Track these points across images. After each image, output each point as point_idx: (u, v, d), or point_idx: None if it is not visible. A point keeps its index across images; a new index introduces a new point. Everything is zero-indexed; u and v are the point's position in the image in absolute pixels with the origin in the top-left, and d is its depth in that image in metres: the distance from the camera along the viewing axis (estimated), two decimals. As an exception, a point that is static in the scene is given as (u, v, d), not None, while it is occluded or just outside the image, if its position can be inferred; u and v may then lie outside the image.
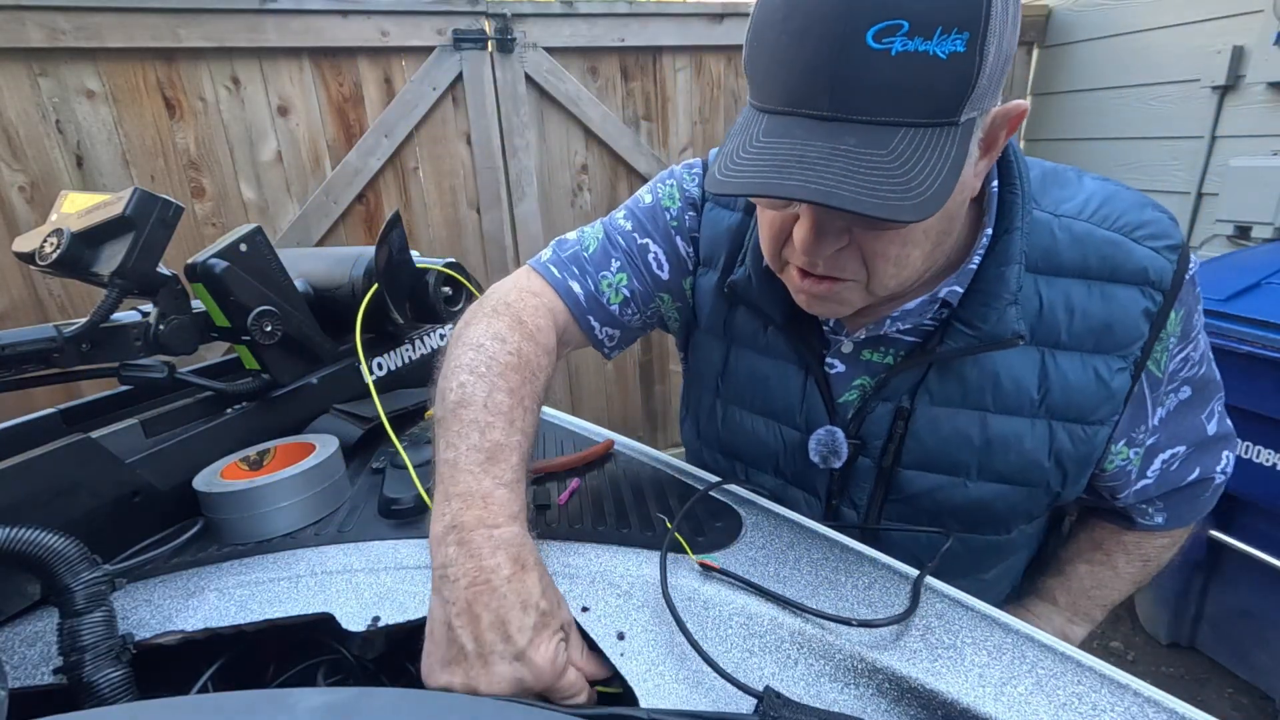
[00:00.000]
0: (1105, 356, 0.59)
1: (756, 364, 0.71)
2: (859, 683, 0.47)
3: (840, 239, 0.52)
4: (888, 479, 0.67)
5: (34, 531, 0.46)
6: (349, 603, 0.54)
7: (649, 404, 2.75)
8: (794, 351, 0.68)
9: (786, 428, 0.70)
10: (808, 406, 0.68)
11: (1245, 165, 2.06)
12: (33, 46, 1.66)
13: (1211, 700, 1.78)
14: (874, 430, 0.65)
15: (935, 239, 0.54)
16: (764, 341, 0.70)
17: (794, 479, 0.72)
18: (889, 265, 0.53)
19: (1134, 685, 0.44)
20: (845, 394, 0.67)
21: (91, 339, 0.63)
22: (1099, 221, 0.59)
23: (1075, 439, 0.61)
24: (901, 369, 0.63)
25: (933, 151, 0.43)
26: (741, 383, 0.72)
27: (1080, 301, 0.58)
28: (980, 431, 0.62)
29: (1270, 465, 1.53)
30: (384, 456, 0.77)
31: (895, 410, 0.64)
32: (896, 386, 0.64)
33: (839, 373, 0.67)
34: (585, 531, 0.63)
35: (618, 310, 0.72)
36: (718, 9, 2.31)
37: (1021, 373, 0.60)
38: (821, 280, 0.55)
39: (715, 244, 0.71)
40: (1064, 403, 0.60)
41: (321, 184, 2.03)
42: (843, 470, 0.68)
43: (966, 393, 0.62)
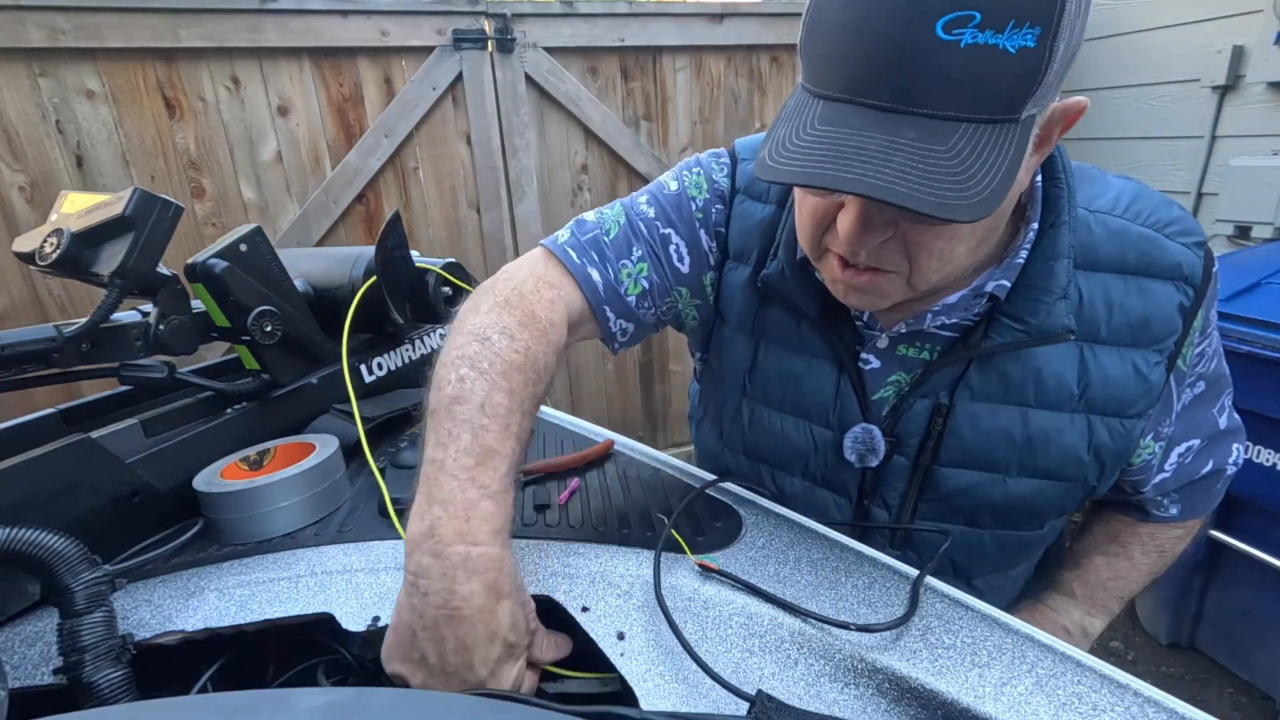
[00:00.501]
0: (1143, 351, 0.59)
1: (787, 361, 0.68)
2: (859, 683, 0.47)
3: (886, 231, 0.50)
4: (924, 477, 0.65)
5: (34, 531, 0.46)
6: (349, 603, 0.54)
7: (649, 404, 2.75)
8: (827, 348, 0.66)
9: (818, 427, 0.68)
10: (841, 404, 0.66)
11: (1245, 165, 2.06)
12: (33, 46, 1.66)
13: (1211, 700, 1.78)
14: (911, 428, 0.64)
15: (982, 235, 0.53)
16: (796, 338, 0.67)
17: (824, 481, 0.70)
18: (932, 260, 0.51)
19: (1134, 685, 0.44)
20: (880, 391, 0.65)
21: (91, 339, 0.63)
22: (1132, 218, 0.59)
23: (1114, 433, 0.61)
24: (942, 365, 0.61)
25: (993, 149, 0.42)
26: (771, 381, 0.69)
27: (1118, 296, 0.58)
28: (1022, 427, 0.61)
29: (1270, 465, 1.53)
30: (384, 456, 0.77)
31: (933, 407, 0.62)
32: (935, 383, 0.62)
33: (874, 369, 0.65)
34: (585, 531, 0.63)
35: (634, 303, 0.68)
36: (718, 9, 2.31)
37: (1062, 368, 0.59)
38: (862, 272, 0.53)
39: (746, 238, 0.68)
40: (1103, 397, 0.60)
41: (321, 184, 2.03)
42: (876, 470, 0.66)
43: (1009, 389, 0.61)
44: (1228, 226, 2.14)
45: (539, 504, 0.68)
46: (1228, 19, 2.14)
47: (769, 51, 2.43)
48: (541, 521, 0.65)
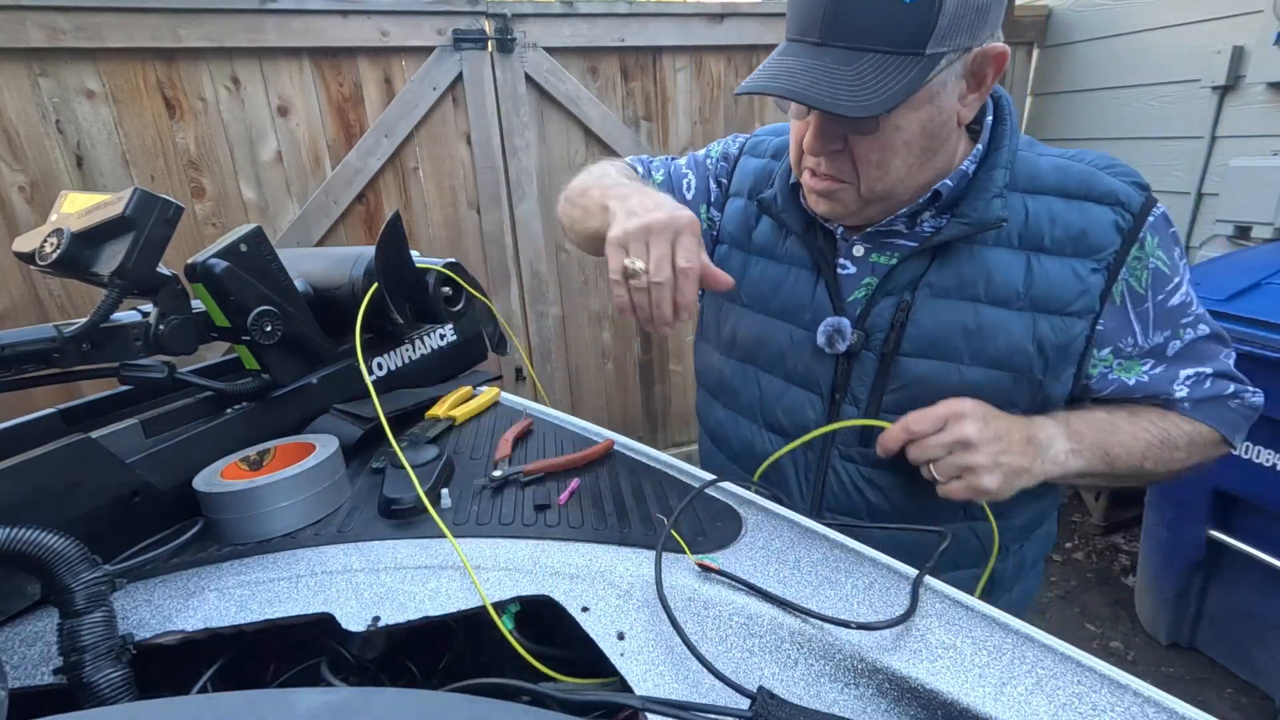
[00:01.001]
0: (1081, 259, 0.69)
1: (772, 270, 0.82)
2: (859, 683, 0.47)
3: (835, 142, 0.66)
4: (888, 368, 0.74)
5: (34, 531, 0.46)
6: (349, 603, 0.54)
7: (649, 404, 2.75)
8: (808, 256, 0.79)
9: (795, 328, 0.79)
10: (815, 304, 0.77)
11: (1245, 165, 2.06)
12: (33, 46, 1.66)
13: (1211, 700, 1.79)
14: (878, 323, 0.74)
15: (919, 154, 0.66)
16: (782, 250, 0.81)
17: (799, 379, 0.80)
18: (872, 169, 0.66)
19: (1134, 685, 0.44)
20: (854, 293, 0.76)
21: (91, 339, 0.63)
22: (1074, 159, 0.72)
23: (1055, 328, 0.69)
24: (905, 261, 0.72)
25: (893, 73, 0.57)
26: (757, 288, 0.83)
27: (1060, 213, 0.69)
28: (973, 319, 0.70)
29: (1270, 465, 1.53)
30: (384, 456, 0.77)
31: (897, 303, 0.73)
32: (899, 280, 0.73)
33: (849, 274, 0.76)
34: (585, 531, 0.63)
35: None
36: (718, 9, 2.31)
37: (1010, 270, 0.70)
38: (824, 179, 0.70)
39: (744, 179, 0.88)
40: (1045, 296, 0.69)
41: (321, 184, 2.03)
42: (846, 366, 0.76)
43: (962, 285, 0.71)
44: (1228, 226, 2.14)
45: (539, 504, 0.68)
46: (1228, 19, 2.14)
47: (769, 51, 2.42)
48: (541, 521, 0.65)
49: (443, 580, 0.56)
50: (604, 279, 2.52)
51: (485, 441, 0.83)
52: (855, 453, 0.77)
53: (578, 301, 2.50)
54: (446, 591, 0.55)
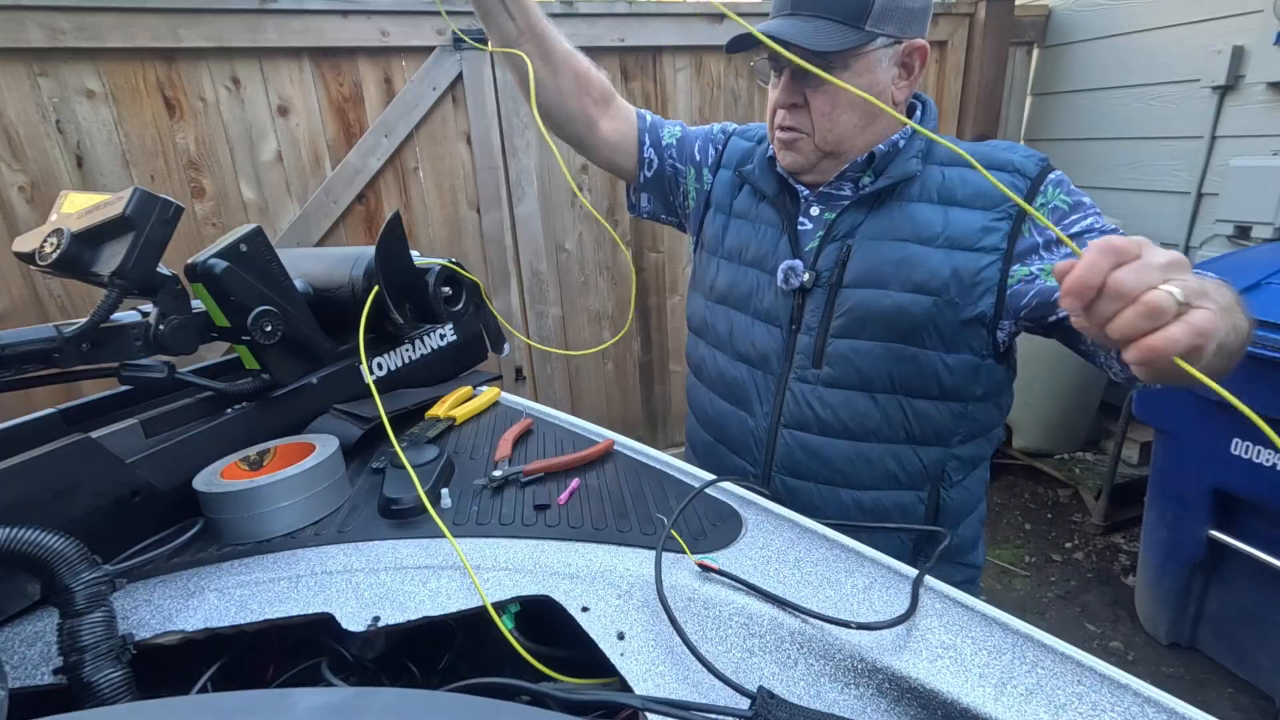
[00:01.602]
0: (985, 211, 0.83)
1: (746, 229, 0.98)
2: (859, 683, 0.47)
3: (796, 96, 0.84)
4: (833, 299, 0.88)
5: (34, 532, 0.46)
6: (349, 603, 0.54)
7: (649, 404, 2.75)
8: (776, 217, 0.94)
9: (761, 272, 0.94)
10: (779, 253, 0.92)
11: (1245, 165, 2.06)
12: (33, 46, 1.66)
13: (1211, 700, 1.79)
14: (826, 264, 0.88)
15: (860, 117, 0.84)
16: (755, 213, 0.98)
17: (763, 314, 0.94)
18: (825, 120, 0.84)
19: (1134, 685, 0.44)
20: (810, 242, 0.91)
21: (91, 339, 0.63)
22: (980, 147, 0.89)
23: (966, 260, 0.83)
24: (847, 211, 0.88)
25: (839, 35, 0.78)
26: (734, 242, 0.99)
27: (970, 177, 0.85)
28: (900, 253, 0.85)
29: (1270, 465, 1.53)
30: (384, 456, 0.77)
31: (840, 247, 0.88)
32: (841, 229, 0.88)
33: (806, 229, 0.92)
34: (585, 531, 0.63)
35: (665, 144, 1.07)
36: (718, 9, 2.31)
37: (931, 217, 0.85)
38: (787, 130, 0.87)
39: (732, 155, 1.04)
40: (958, 236, 0.83)
41: (321, 184, 2.03)
42: (800, 299, 0.90)
43: (893, 228, 0.86)
44: (1228, 227, 2.14)
45: (539, 504, 0.68)
46: (1228, 19, 2.14)
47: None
48: (541, 521, 0.65)
49: (443, 580, 0.56)
50: (604, 279, 2.52)
51: (485, 441, 0.83)
52: (809, 374, 0.90)
53: (578, 301, 2.50)
54: (446, 591, 0.55)
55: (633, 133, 1.06)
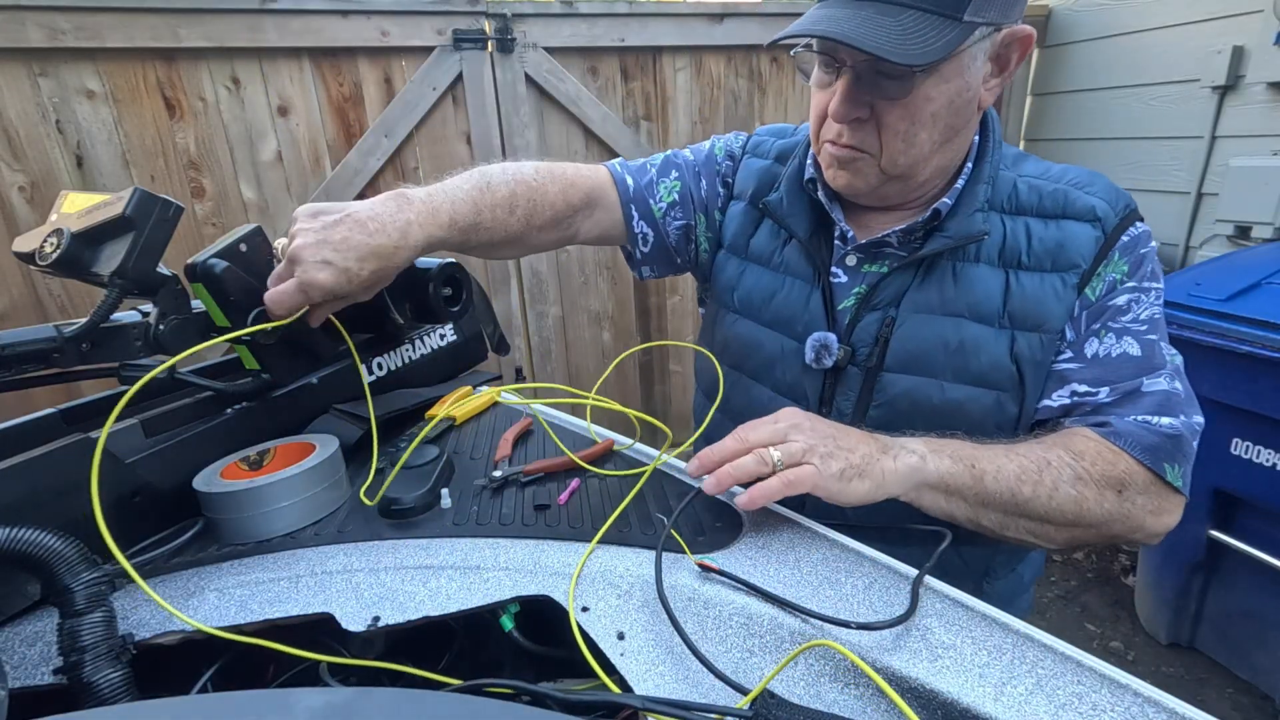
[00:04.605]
0: (1060, 273, 0.69)
1: (767, 279, 0.81)
2: (859, 683, 0.47)
3: (862, 109, 0.65)
4: (872, 383, 0.73)
5: (34, 531, 0.46)
6: (349, 603, 0.54)
7: (649, 404, 2.75)
8: (806, 265, 0.78)
9: (786, 337, 0.79)
10: (809, 315, 0.77)
11: (1245, 165, 2.06)
12: (33, 46, 1.66)
13: (1211, 700, 1.79)
14: (863, 337, 0.74)
15: (942, 130, 0.66)
16: (778, 260, 0.81)
17: (786, 389, 0.79)
18: (898, 140, 0.66)
19: (1134, 685, 0.44)
20: (845, 300, 0.76)
21: (91, 339, 0.63)
22: (1052, 180, 0.73)
23: (1032, 346, 0.69)
24: (894, 273, 0.73)
25: (933, 31, 0.58)
26: (753, 296, 0.82)
27: (1038, 231, 0.70)
28: (955, 335, 0.70)
29: (1270, 465, 1.53)
30: (384, 456, 0.77)
31: (882, 318, 0.73)
32: (884, 294, 0.73)
33: (841, 282, 0.76)
34: (585, 531, 0.63)
35: (664, 209, 0.88)
36: (718, 9, 2.31)
37: (990, 286, 0.70)
38: (846, 147, 0.68)
39: (746, 181, 0.86)
40: (1022, 312, 0.69)
41: (321, 184, 2.03)
42: (832, 378, 0.76)
43: (945, 301, 0.71)
44: (1228, 226, 2.14)
45: (539, 504, 0.68)
46: (1228, 19, 2.14)
47: (769, 51, 2.43)
48: (541, 521, 0.65)
49: (443, 580, 0.56)
50: (604, 279, 2.52)
51: (485, 441, 0.83)
52: None
53: (578, 301, 2.50)
54: (446, 591, 0.55)
55: (617, 213, 0.87)
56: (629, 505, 0.67)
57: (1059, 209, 0.70)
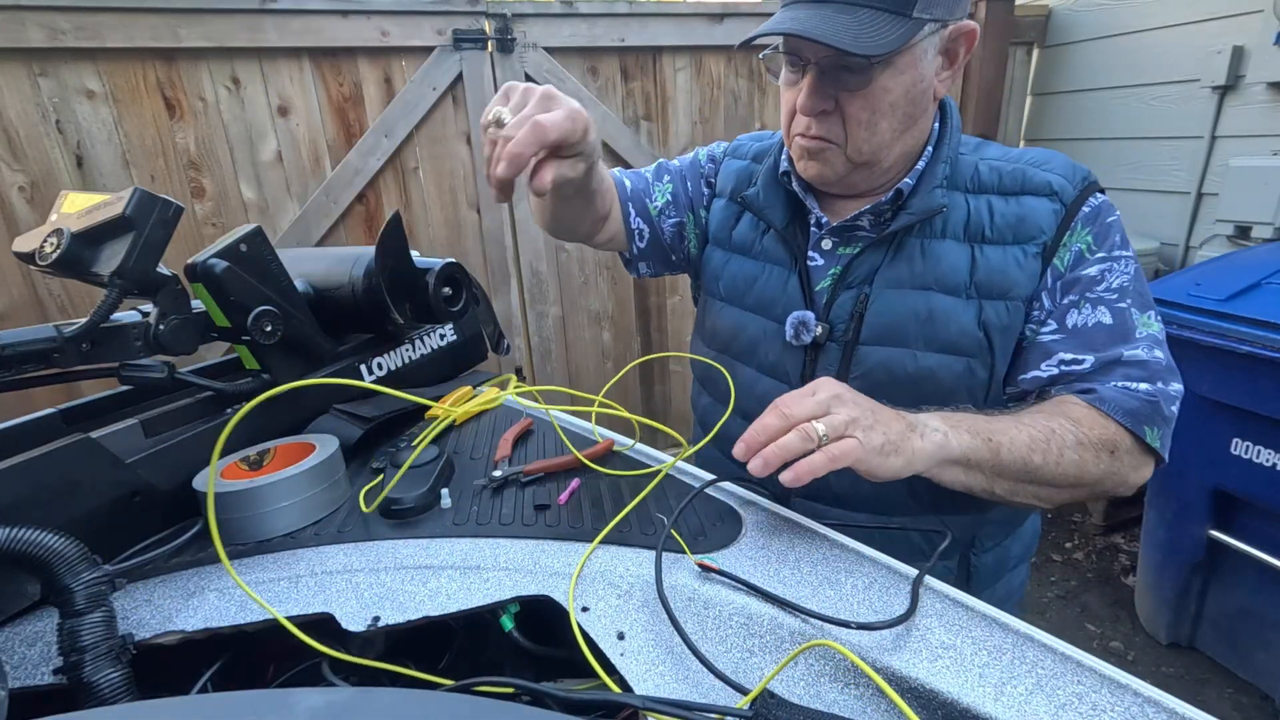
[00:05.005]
0: (1021, 245, 0.73)
1: (748, 267, 0.87)
2: (859, 683, 0.47)
3: (827, 102, 0.71)
4: (849, 357, 0.78)
5: (34, 531, 0.46)
6: (349, 603, 0.54)
7: (649, 404, 2.75)
8: (783, 252, 0.83)
9: (768, 320, 0.83)
10: (787, 297, 0.82)
11: (1245, 165, 2.06)
12: (33, 46, 1.66)
13: (1211, 700, 1.79)
14: (840, 314, 0.78)
15: (901, 119, 0.71)
16: (759, 248, 0.86)
17: (770, 369, 0.84)
18: (861, 129, 0.71)
19: (1134, 685, 0.44)
20: (821, 282, 0.81)
21: (91, 339, 0.63)
22: (1011, 161, 0.77)
23: (998, 313, 0.73)
24: (864, 253, 0.77)
25: (887, 27, 0.64)
26: (736, 283, 0.88)
27: (999, 206, 0.75)
28: (925, 306, 0.74)
29: (1270, 465, 1.53)
30: (384, 456, 0.77)
31: (857, 295, 0.77)
32: (857, 272, 0.78)
33: (817, 265, 0.81)
34: (585, 531, 0.63)
35: (659, 209, 0.94)
36: (718, 9, 2.31)
37: (957, 259, 0.74)
38: (814, 138, 0.73)
39: (727, 180, 0.92)
40: (988, 282, 0.73)
41: (321, 184, 2.03)
42: (813, 354, 0.80)
43: (915, 275, 0.75)
44: (1228, 226, 2.14)
45: (539, 504, 0.68)
46: (1228, 19, 2.14)
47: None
48: (541, 521, 0.65)
49: (443, 580, 0.56)
50: (603, 279, 2.52)
51: (485, 441, 0.83)
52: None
53: (578, 301, 2.50)
54: (446, 591, 0.55)
55: (618, 214, 0.94)
56: (629, 505, 0.67)
57: (1018, 186, 0.75)
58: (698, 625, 0.52)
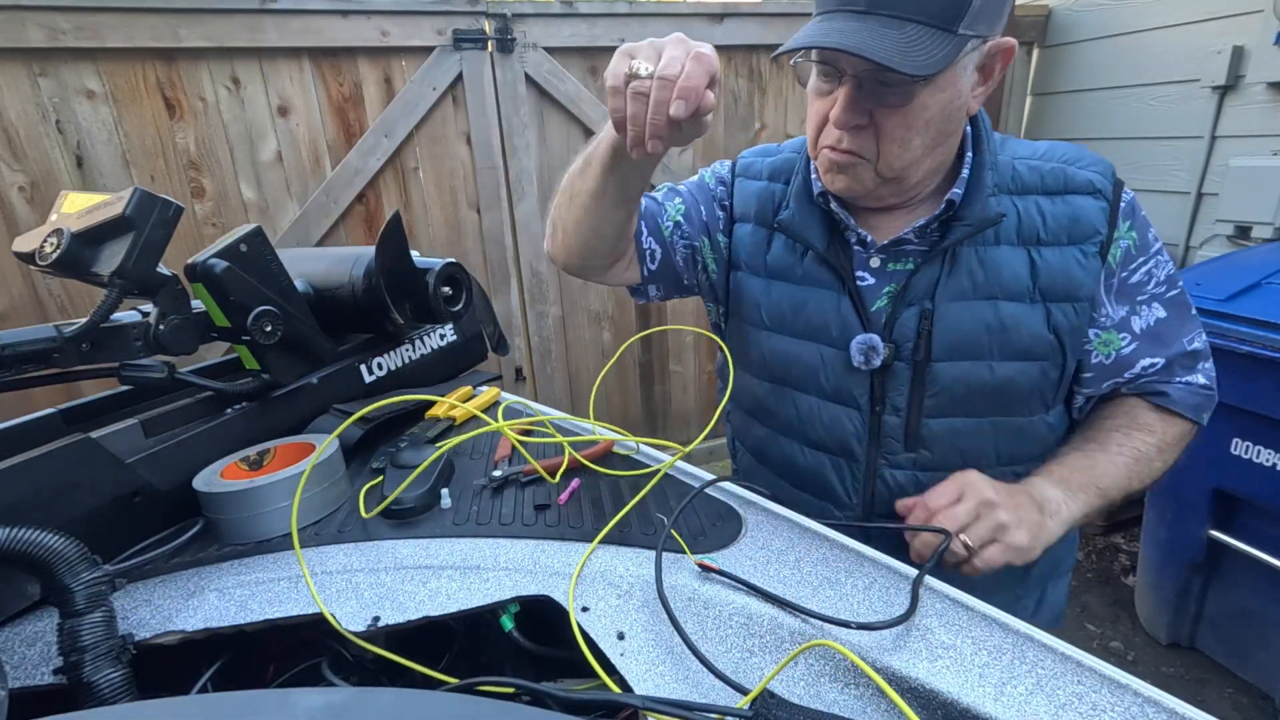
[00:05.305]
0: (1079, 245, 0.73)
1: (793, 292, 0.83)
2: (859, 683, 0.47)
3: (862, 116, 0.68)
4: (922, 375, 0.76)
5: (34, 531, 0.46)
6: (349, 603, 0.54)
7: (649, 404, 2.75)
8: (829, 274, 0.80)
9: (824, 346, 0.80)
10: (842, 320, 0.79)
11: (1245, 165, 2.06)
12: (33, 46, 1.66)
13: (1211, 700, 1.79)
14: (904, 333, 0.76)
15: (934, 136, 0.69)
16: (800, 272, 0.82)
17: (834, 395, 0.81)
18: (894, 145, 0.69)
19: (1134, 685, 0.44)
20: (876, 302, 0.78)
21: (91, 339, 0.63)
22: (1044, 158, 0.76)
23: (1067, 315, 0.74)
24: (921, 269, 0.75)
25: (934, 43, 0.61)
26: (782, 310, 0.83)
27: (1048, 208, 0.74)
28: (994, 316, 0.74)
29: (1270, 465, 1.53)
30: (384, 457, 0.77)
31: (920, 312, 0.75)
32: (917, 288, 0.75)
33: (869, 285, 0.78)
34: (585, 531, 0.63)
35: (670, 229, 0.89)
36: (718, 9, 2.31)
37: (1016, 266, 0.74)
38: (845, 152, 0.71)
39: (746, 203, 0.88)
40: (1050, 285, 0.73)
41: (321, 184, 2.03)
42: (881, 377, 0.77)
43: (976, 286, 0.74)
44: (1228, 226, 2.14)
45: (539, 504, 0.68)
46: (1228, 19, 2.14)
47: (769, 51, 2.43)
48: (541, 521, 0.65)
49: (443, 580, 0.56)
50: (604, 279, 2.53)
51: (485, 441, 0.83)
52: (903, 459, 0.78)
53: (578, 301, 2.50)
54: (446, 591, 0.55)
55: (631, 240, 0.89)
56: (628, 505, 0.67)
57: (1061, 185, 0.74)
58: (698, 625, 0.52)
